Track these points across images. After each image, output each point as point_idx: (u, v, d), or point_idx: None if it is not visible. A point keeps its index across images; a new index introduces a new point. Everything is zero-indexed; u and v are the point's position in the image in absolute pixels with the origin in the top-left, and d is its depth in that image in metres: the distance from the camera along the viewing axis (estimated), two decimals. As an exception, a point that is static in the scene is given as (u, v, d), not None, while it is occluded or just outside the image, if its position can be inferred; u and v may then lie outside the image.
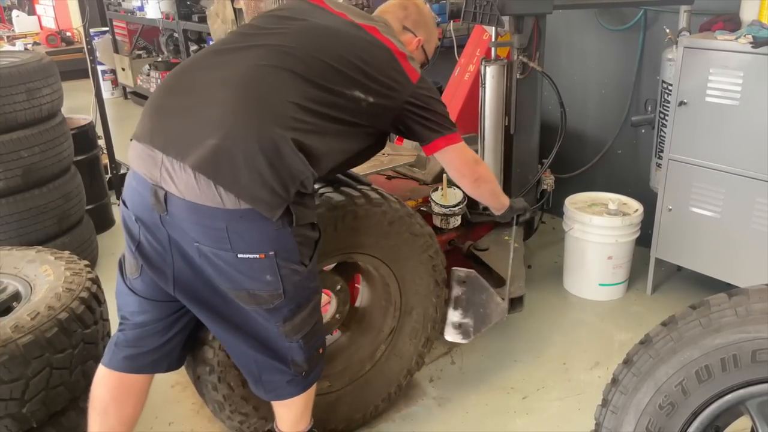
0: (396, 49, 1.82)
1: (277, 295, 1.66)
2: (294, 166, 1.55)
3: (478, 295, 2.36)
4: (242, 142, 1.52)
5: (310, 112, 1.63)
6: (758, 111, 2.57)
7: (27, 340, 1.69)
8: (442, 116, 1.89)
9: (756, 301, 1.27)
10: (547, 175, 3.07)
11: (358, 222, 2.01)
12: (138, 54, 7.52)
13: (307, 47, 1.70)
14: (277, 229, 1.58)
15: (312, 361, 1.84)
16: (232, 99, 1.58)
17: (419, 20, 2.03)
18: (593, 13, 3.54)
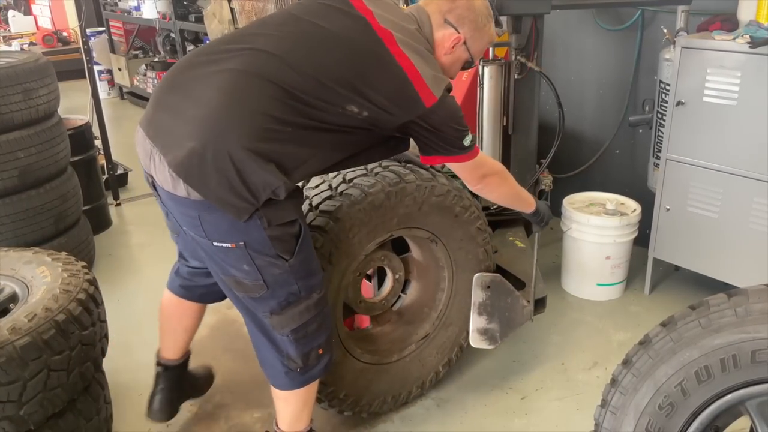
0: (411, 68, 1.71)
1: (260, 285, 1.72)
2: (263, 178, 1.58)
3: (503, 300, 2.36)
4: (215, 149, 1.57)
5: (290, 123, 1.63)
6: (756, 111, 2.57)
7: (24, 342, 1.68)
8: (450, 140, 1.83)
9: (755, 301, 1.27)
10: (545, 175, 3.07)
11: (409, 198, 2.10)
12: (135, 54, 7.51)
13: (301, 59, 1.67)
14: (245, 221, 1.62)
15: (308, 359, 1.85)
16: (215, 104, 1.61)
17: (465, 15, 1.86)
18: (591, 14, 3.55)
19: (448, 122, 1.80)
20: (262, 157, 1.58)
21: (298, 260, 1.73)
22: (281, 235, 1.68)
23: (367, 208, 2.02)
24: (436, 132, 1.80)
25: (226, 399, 2.50)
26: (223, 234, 1.66)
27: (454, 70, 1.97)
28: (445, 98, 1.78)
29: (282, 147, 1.61)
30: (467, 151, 1.87)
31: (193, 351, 2.81)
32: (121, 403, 2.46)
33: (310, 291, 1.80)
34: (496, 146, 2.90)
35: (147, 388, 2.57)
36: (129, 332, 2.94)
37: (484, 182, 1.99)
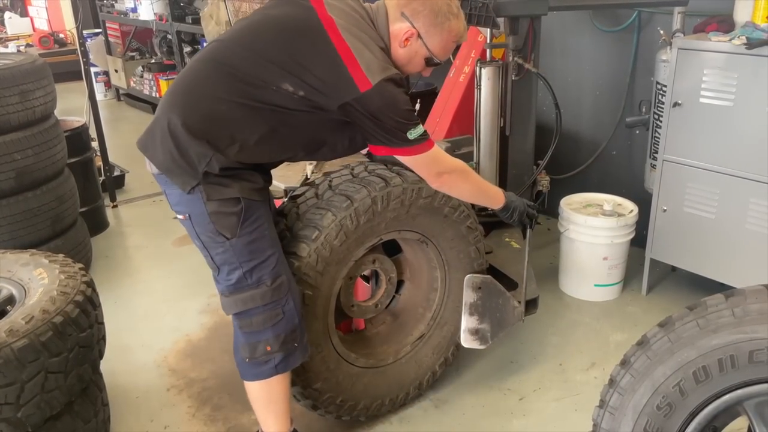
0: (347, 52, 1.77)
1: (212, 265, 1.89)
2: (196, 150, 1.75)
3: (494, 300, 2.36)
4: (161, 126, 1.79)
5: (233, 102, 1.77)
6: (752, 112, 2.58)
7: (22, 344, 1.67)
8: (391, 130, 1.82)
9: (753, 301, 1.28)
10: (542, 176, 3.08)
11: (396, 201, 2.09)
12: (131, 56, 7.50)
13: (245, 43, 1.84)
14: (188, 194, 1.80)
15: (255, 352, 1.91)
16: (171, 89, 1.86)
17: (420, 9, 1.87)
18: (588, 15, 3.55)
19: (386, 111, 1.79)
20: (195, 133, 1.75)
21: (241, 242, 1.82)
22: (220, 210, 1.80)
23: (353, 215, 2.01)
24: (373, 119, 1.79)
25: (224, 401, 2.50)
26: (177, 205, 1.87)
27: (413, 65, 1.96)
28: (384, 86, 1.77)
29: (219, 125, 1.77)
30: (412, 145, 1.85)
31: (192, 353, 2.81)
32: (119, 405, 2.46)
33: (259, 281, 1.86)
34: (493, 147, 2.91)
35: (144, 390, 2.58)
36: (127, 334, 2.94)
37: (441, 180, 1.98)
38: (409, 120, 1.83)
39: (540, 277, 3.35)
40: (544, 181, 3.09)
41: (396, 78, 1.81)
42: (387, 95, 1.78)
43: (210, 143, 1.75)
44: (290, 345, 1.92)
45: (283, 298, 1.88)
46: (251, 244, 1.84)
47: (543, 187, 3.09)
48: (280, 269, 1.89)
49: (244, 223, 1.82)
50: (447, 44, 1.94)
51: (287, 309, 1.89)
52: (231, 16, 4.60)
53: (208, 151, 1.75)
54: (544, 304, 3.12)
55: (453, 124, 3.22)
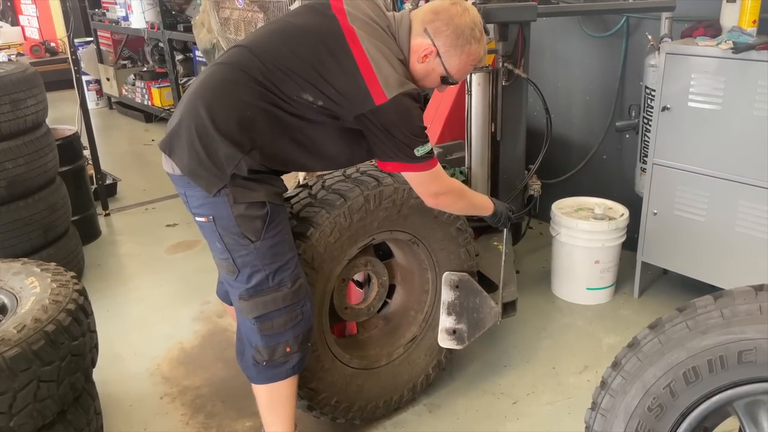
0: (366, 64, 1.78)
1: (231, 266, 1.88)
2: (225, 152, 1.75)
3: (471, 300, 2.38)
4: (187, 126, 1.78)
5: (255, 107, 1.78)
6: (740, 115, 2.61)
7: (13, 353, 1.67)
8: (400, 146, 1.83)
9: (741, 302, 1.29)
10: (533, 181, 3.09)
11: (388, 200, 2.12)
12: (123, 64, 7.49)
13: (267, 51, 1.84)
14: (213, 196, 1.79)
15: (274, 354, 1.91)
16: (193, 89, 1.85)
17: (443, 29, 1.87)
18: (576, 21, 3.58)
19: (400, 126, 1.80)
20: (225, 134, 1.75)
21: (265, 245, 1.84)
22: (246, 214, 1.81)
23: (346, 213, 2.04)
24: (386, 133, 1.81)
25: (217, 408, 2.49)
26: (198, 208, 1.85)
27: (429, 81, 1.97)
28: (400, 101, 1.79)
29: (246, 128, 1.77)
30: (417, 162, 1.86)
31: (185, 361, 2.81)
32: (112, 413, 2.45)
33: (280, 283, 1.87)
34: (484, 152, 2.92)
35: (137, 398, 2.57)
36: (119, 342, 2.93)
37: (438, 200, 2.02)
38: (419, 137, 1.84)
39: (532, 280, 3.37)
40: (535, 185, 3.10)
41: (413, 93, 1.82)
42: (401, 110, 1.80)
43: (238, 145, 1.76)
44: (306, 345, 1.95)
45: (302, 299, 1.92)
46: (274, 247, 1.85)
47: (534, 191, 3.10)
48: (299, 271, 1.92)
49: (269, 226, 1.83)
50: (465, 66, 1.95)
51: (305, 310, 1.92)
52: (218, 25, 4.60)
53: (236, 153, 1.75)
54: (537, 307, 3.14)
55: (444, 130, 3.23)
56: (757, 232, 2.65)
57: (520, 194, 3.06)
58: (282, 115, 1.80)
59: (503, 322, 2.43)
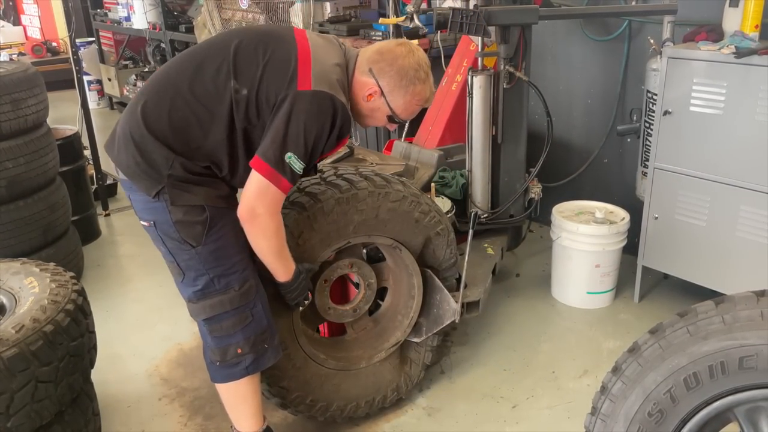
0: (306, 56, 1.79)
1: (177, 269, 1.89)
2: (159, 153, 1.76)
3: (432, 296, 2.39)
4: (122, 130, 1.83)
5: (188, 104, 1.79)
6: (742, 120, 2.60)
7: (12, 353, 1.67)
8: (284, 138, 1.74)
9: (742, 308, 1.28)
10: (534, 184, 3.09)
11: (362, 204, 2.10)
12: (124, 64, 7.49)
13: (209, 43, 1.90)
14: (153, 201, 1.80)
15: (226, 355, 1.93)
16: (136, 94, 1.89)
17: (386, 70, 1.89)
18: (578, 24, 3.58)
19: (302, 117, 1.74)
20: (156, 135, 1.77)
21: (206, 249, 1.83)
22: (185, 219, 1.80)
23: (316, 215, 2.03)
24: (285, 119, 1.74)
25: (215, 410, 2.48)
26: (141, 212, 1.88)
27: (375, 119, 1.99)
28: (320, 97, 1.76)
29: (175, 128, 1.78)
30: (274, 167, 1.74)
31: (182, 363, 2.80)
32: (110, 414, 2.45)
33: (227, 286, 1.87)
34: (485, 155, 2.92)
35: (136, 400, 2.56)
36: (118, 343, 2.93)
37: (252, 220, 1.80)
38: (305, 142, 1.75)
39: (532, 284, 3.37)
40: (536, 188, 3.10)
41: (337, 102, 1.78)
42: (315, 105, 1.76)
43: (170, 147, 1.77)
44: (260, 346, 1.94)
45: (251, 301, 1.91)
46: (217, 251, 1.85)
47: (535, 194, 3.10)
48: (248, 274, 1.90)
49: (210, 231, 1.82)
50: (410, 106, 1.96)
51: (255, 312, 1.92)
52: (221, 26, 4.61)
53: (170, 153, 1.77)
54: (536, 311, 3.13)
55: (445, 133, 3.23)
56: (758, 237, 2.64)
57: (520, 197, 3.06)
58: (208, 112, 1.78)
59: (502, 325, 2.44)
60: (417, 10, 3.15)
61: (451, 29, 2.61)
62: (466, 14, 2.54)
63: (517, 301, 3.18)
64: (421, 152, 3.10)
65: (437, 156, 3.02)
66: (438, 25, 2.69)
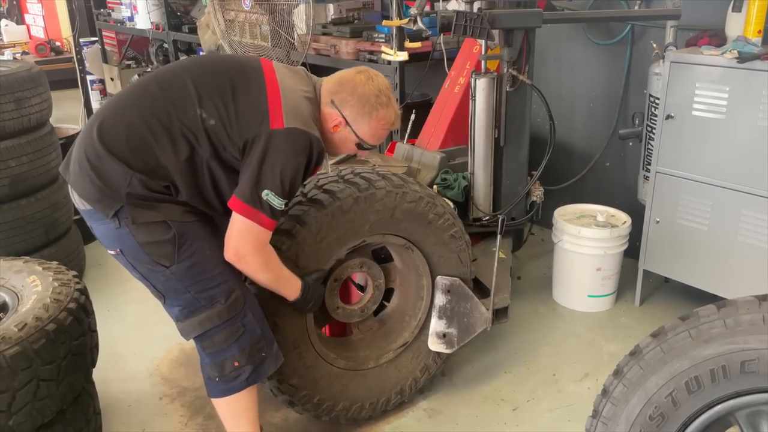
0: (275, 92, 1.78)
1: (156, 293, 1.86)
2: (116, 171, 1.72)
3: (462, 305, 2.38)
4: (77, 150, 1.79)
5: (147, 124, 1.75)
6: (744, 124, 2.60)
7: (14, 351, 1.67)
8: (258, 178, 1.73)
9: (744, 312, 1.28)
10: (536, 187, 3.09)
11: (380, 203, 2.11)
12: (127, 64, 7.49)
13: (173, 68, 1.89)
14: (116, 229, 1.76)
15: (223, 370, 1.90)
16: (93, 115, 1.85)
17: (348, 99, 1.90)
18: (581, 28, 3.59)
19: (277, 156, 1.74)
20: (113, 153, 1.73)
21: (182, 267, 1.79)
22: (152, 241, 1.76)
23: (335, 213, 2.03)
24: (259, 158, 1.73)
25: (215, 411, 2.48)
26: (106, 241, 1.84)
27: (345, 148, 2.00)
28: (294, 134, 1.76)
29: (133, 147, 1.74)
30: (253, 205, 1.73)
31: (183, 363, 2.80)
32: (111, 413, 2.45)
33: (211, 300, 1.83)
34: (487, 158, 2.92)
35: (137, 399, 2.57)
36: (119, 342, 2.93)
37: (241, 262, 1.82)
38: (282, 180, 1.74)
39: (533, 287, 3.37)
40: (537, 191, 3.10)
41: (312, 138, 1.79)
42: (290, 142, 1.76)
43: (127, 164, 1.72)
44: (257, 356, 1.91)
45: (241, 312, 1.87)
46: (193, 267, 1.80)
47: (537, 197, 3.10)
48: (233, 284, 1.86)
49: (181, 248, 1.78)
50: (377, 132, 1.96)
51: (247, 321, 1.88)
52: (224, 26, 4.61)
53: (127, 170, 1.72)
54: (538, 314, 3.13)
55: (448, 135, 3.23)
56: (759, 242, 2.65)
57: (522, 200, 3.06)
58: (168, 135, 1.75)
59: (504, 328, 2.43)
60: (420, 12, 3.16)
61: (454, 32, 2.62)
62: (470, 17, 2.54)
63: (519, 304, 3.18)
64: (424, 154, 3.10)
65: (439, 158, 3.02)
66: (441, 28, 2.70)
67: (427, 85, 3.92)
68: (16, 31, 9.30)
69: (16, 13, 9.81)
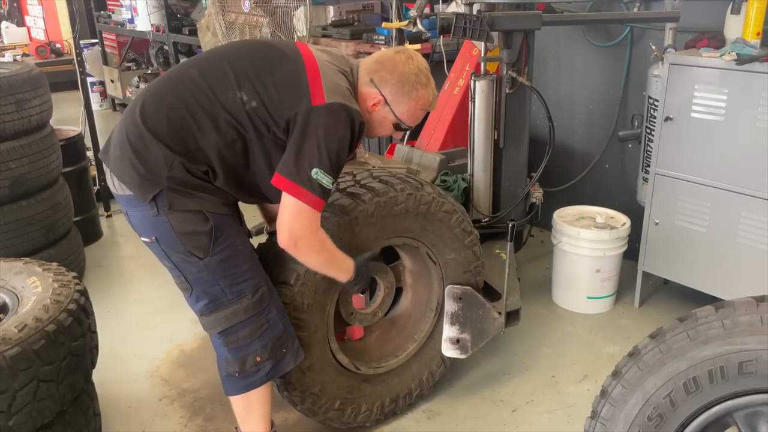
0: (315, 71, 1.78)
1: (184, 284, 1.86)
2: (156, 153, 1.72)
3: (474, 311, 2.37)
4: (119, 132, 1.80)
5: (185, 108, 1.75)
6: (742, 126, 2.61)
7: (14, 352, 1.67)
8: (305, 156, 1.71)
9: (742, 313, 1.29)
10: (535, 189, 3.10)
11: (398, 208, 2.13)
12: (127, 66, 7.52)
13: (213, 53, 1.89)
14: (154, 216, 1.75)
15: (245, 365, 1.90)
16: (135, 98, 1.87)
17: (388, 78, 1.89)
18: (581, 30, 3.59)
19: (320, 131, 1.72)
20: (155, 135, 1.72)
21: (215, 260, 1.79)
22: (189, 231, 1.76)
23: (358, 218, 2.06)
24: (302, 136, 1.72)
25: (216, 411, 2.49)
26: (141, 229, 1.82)
27: (383, 128, 1.99)
28: (336, 109, 1.75)
29: (174, 129, 1.74)
30: (305, 187, 1.71)
31: (184, 363, 2.81)
32: (111, 415, 2.45)
33: (238, 295, 1.84)
34: (487, 159, 2.93)
35: (136, 400, 2.57)
36: (119, 344, 2.93)
37: (296, 246, 1.79)
38: (329, 156, 1.73)
39: (533, 289, 3.37)
40: (537, 193, 3.11)
41: (353, 112, 1.78)
42: (332, 118, 1.75)
43: (170, 146, 1.73)
44: (279, 351, 1.92)
45: (266, 308, 1.88)
46: (226, 261, 1.81)
47: (536, 199, 3.11)
48: (260, 280, 1.88)
49: (216, 241, 1.78)
50: (415, 112, 1.96)
51: (271, 317, 1.89)
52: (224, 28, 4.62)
53: (169, 153, 1.72)
54: (537, 315, 3.13)
55: (447, 137, 3.24)
56: (758, 244, 2.65)
57: (522, 202, 3.06)
58: (210, 119, 1.75)
59: (505, 330, 2.43)
60: (420, 14, 3.18)
61: (454, 34, 2.62)
62: (470, 19, 2.55)
63: (518, 306, 3.19)
64: (423, 156, 3.11)
65: (439, 160, 3.03)
66: (441, 30, 2.71)
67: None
68: (17, 33, 9.31)
69: (16, 15, 9.83)
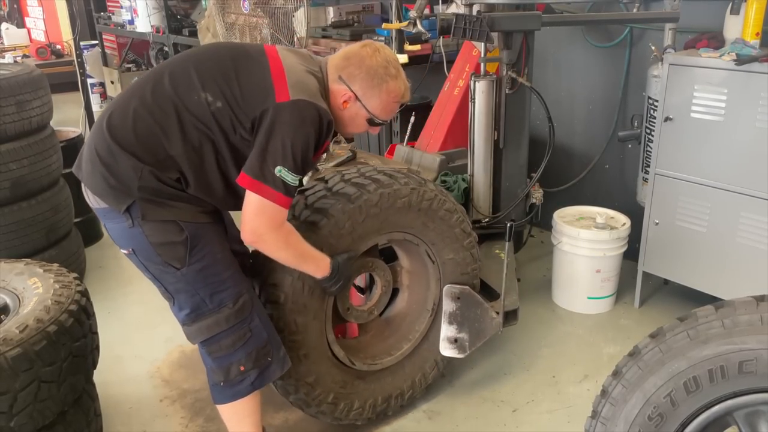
0: (279, 68, 1.77)
1: (166, 294, 1.87)
2: (126, 164, 1.71)
3: (472, 311, 2.38)
4: (88, 146, 1.80)
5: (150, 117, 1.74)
6: (742, 126, 2.61)
7: (15, 353, 1.68)
8: (269, 152, 1.70)
9: (742, 312, 1.29)
10: (535, 189, 3.10)
11: (401, 201, 2.15)
12: (127, 67, 7.51)
13: (178, 58, 1.88)
14: (129, 228, 1.75)
15: (229, 374, 1.88)
16: (103, 110, 1.84)
17: (356, 73, 1.87)
18: (580, 30, 3.60)
19: (285, 130, 1.70)
20: (122, 146, 1.72)
21: (192, 270, 1.78)
22: (164, 242, 1.76)
23: (362, 207, 2.07)
24: (267, 134, 1.70)
25: (216, 412, 2.46)
26: (119, 240, 1.83)
27: (356, 125, 1.97)
28: (301, 105, 1.72)
29: (141, 139, 1.73)
30: (266, 183, 1.70)
31: (185, 364, 2.81)
32: (112, 415, 2.45)
33: (219, 304, 1.83)
34: (487, 160, 2.93)
35: (137, 401, 2.57)
36: (120, 344, 2.93)
37: (259, 242, 1.79)
38: (293, 154, 1.71)
39: (533, 289, 3.37)
40: (537, 193, 3.11)
41: (319, 109, 1.76)
42: (297, 115, 1.72)
43: (138, 156, 1.71)
44: (263, 360, 1.90)
45: (248, 317, 1.86)
46: (204, 270, 1.80)
47: (536, 199, 3.11)
48: (241, 289, 1.86)
49: (192, 250, 1.77)
50: (388, 105, 1.94)
51: (254, 326, 1.87)
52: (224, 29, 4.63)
53: (138, 163, 1.71)
54: (537, 316, 3.14)
55: (447, 137, 3.24)
56: (758, 244, 2.65)
57: (522, 202, 3.07)
58: (176, 123, 1.73)
59: (504, 330, 2.44)
60: (420, 15, 3.18)
61: (454, 35, 2.62)
62: (470, 20, 2.55)
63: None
64: (423, 156, 3.11)
65: (439, 160, 3.03)
66: (441, 31, 2.71)
67: (427, 87, 3.93)
68: (17, 35, 9.31)
69: (16, 16, 9.83)
